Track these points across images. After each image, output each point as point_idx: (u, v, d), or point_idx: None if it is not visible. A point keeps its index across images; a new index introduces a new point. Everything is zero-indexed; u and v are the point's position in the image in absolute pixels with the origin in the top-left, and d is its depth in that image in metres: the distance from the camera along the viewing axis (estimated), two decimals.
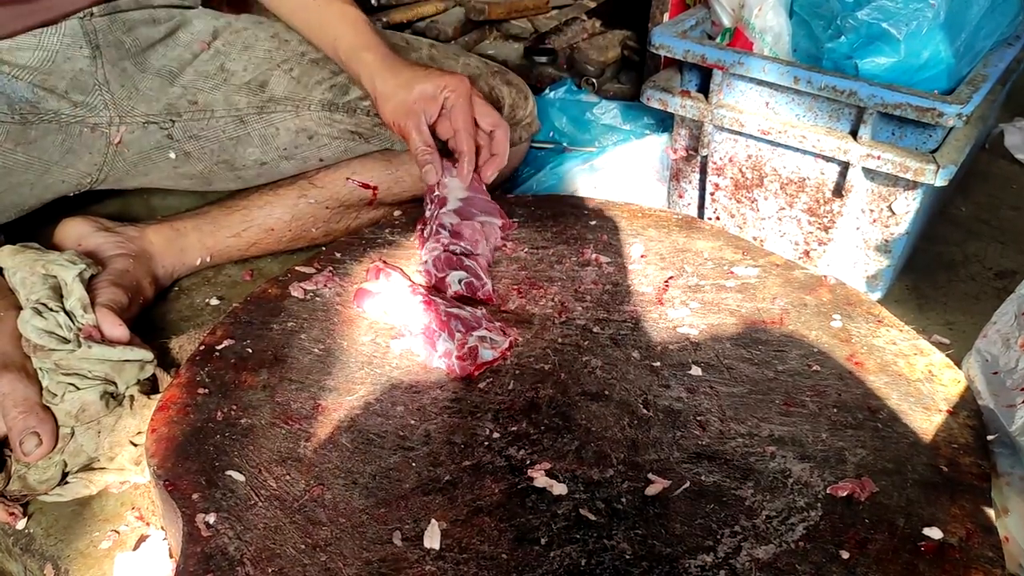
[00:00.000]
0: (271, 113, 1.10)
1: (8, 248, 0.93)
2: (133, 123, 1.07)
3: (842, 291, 0.94)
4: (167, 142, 1.09)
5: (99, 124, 1.04)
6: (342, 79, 1.12)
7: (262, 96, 1.10)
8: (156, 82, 1.08)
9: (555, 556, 0.64)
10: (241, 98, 1.10)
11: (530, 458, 0.72)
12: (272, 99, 1.10)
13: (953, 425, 0.76)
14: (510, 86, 1.20)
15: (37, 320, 0.84)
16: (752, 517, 0.67)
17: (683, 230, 1.06)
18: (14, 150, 0.98)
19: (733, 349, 0.86)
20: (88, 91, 1.03)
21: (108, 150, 1.06)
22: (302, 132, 1.11)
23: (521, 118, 1.21)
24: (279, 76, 1.11)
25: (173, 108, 1.08)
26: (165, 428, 0.75)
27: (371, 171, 1.15)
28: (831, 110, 1.03)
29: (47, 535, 0.79)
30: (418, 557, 0.64)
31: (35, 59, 0.99)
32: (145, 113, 1.07)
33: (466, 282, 0.92)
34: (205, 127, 1.10)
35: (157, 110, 1.08)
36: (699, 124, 1.14)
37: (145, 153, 1.09)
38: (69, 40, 1.01)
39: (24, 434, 0.79)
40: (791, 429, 0.76)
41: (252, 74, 1.11)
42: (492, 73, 1.19)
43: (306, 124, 1.11)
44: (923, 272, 1.19)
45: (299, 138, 1.12)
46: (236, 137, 1.11)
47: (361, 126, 1.12)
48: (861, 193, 1.05)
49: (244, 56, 1.12)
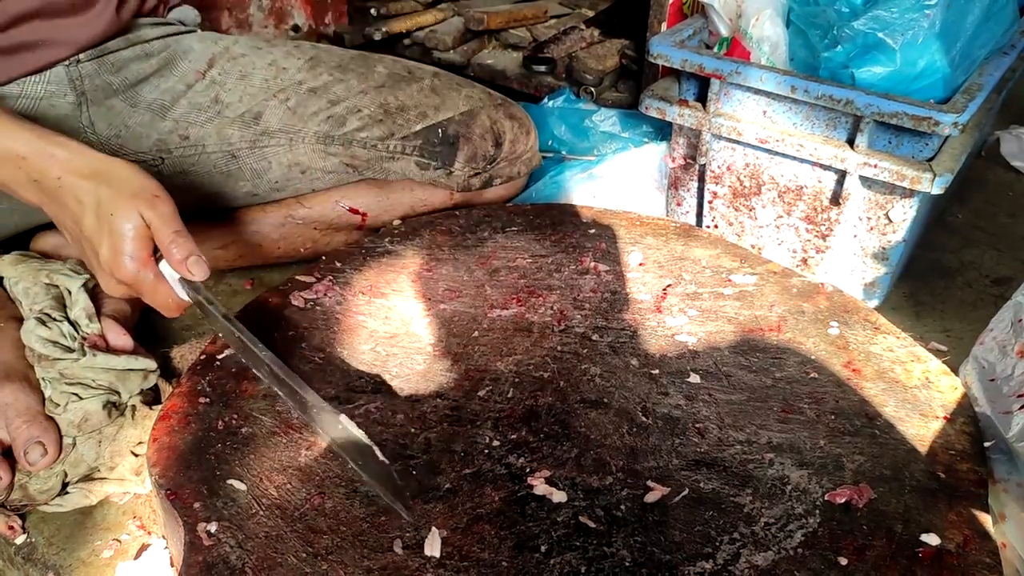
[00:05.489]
0: (264, 148, 1.08)
1: (8, 258, 0.93)
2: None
3: (839, 298, 0.95)
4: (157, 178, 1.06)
5: None
6: (339, 109, 1.09)
7: (256, 129, 1.08)
8: (147, 117, 1.05)
9: (555, 563, 0.64)
10: (234, 131, 1.07)
11: (530, 466, 0.73)
12: (266, 132, 1.08)
13: (950, 432, 0.77)
14: (512, 120, 1.17)
15: (41, 330, 0.84)
16: (751, 524, 0.67)
17: (681, 238, 1.06)
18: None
19: (731, 356, 0.86)
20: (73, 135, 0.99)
21: None
22: (295, 166, 1.09)
23: (521, 152, 1.19)
24: (275, 107, 1.08)
25: (163, 144, 1.06)
26: (167, 437, 0.75)
27: (362, 197, 1.14)
28: (828, 119, 1.04)
29: (49, 544, 0.79)
30: (419, 565, 0.64)
31: (18, 107, 0.96)
32: (134, 151, 1.04)
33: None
34: (196, 162, 1.08)
35: (147, 147, 1.05)
36: (697, 133, 1.14)
37: None
38: (54, 88, 0.99)
39: (29, 444, 0.79)
40: (789, 436, 0.76)
41: (247, 105, 1.08)
42: (495, 106, 1.17)
43: (299, 158, 1.09)
44: (920, 279, 1.19)
45: (291, 172, 1.10)
46: (227, 172, 1.09)
47: (356, 159, 1.10)
48: (858, 201, 1.05)
49: (240, 86, 1.09)
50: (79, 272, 0.91)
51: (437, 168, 1.11)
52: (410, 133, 1.09)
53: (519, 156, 1.19)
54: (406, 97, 1.12)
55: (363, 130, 1.08)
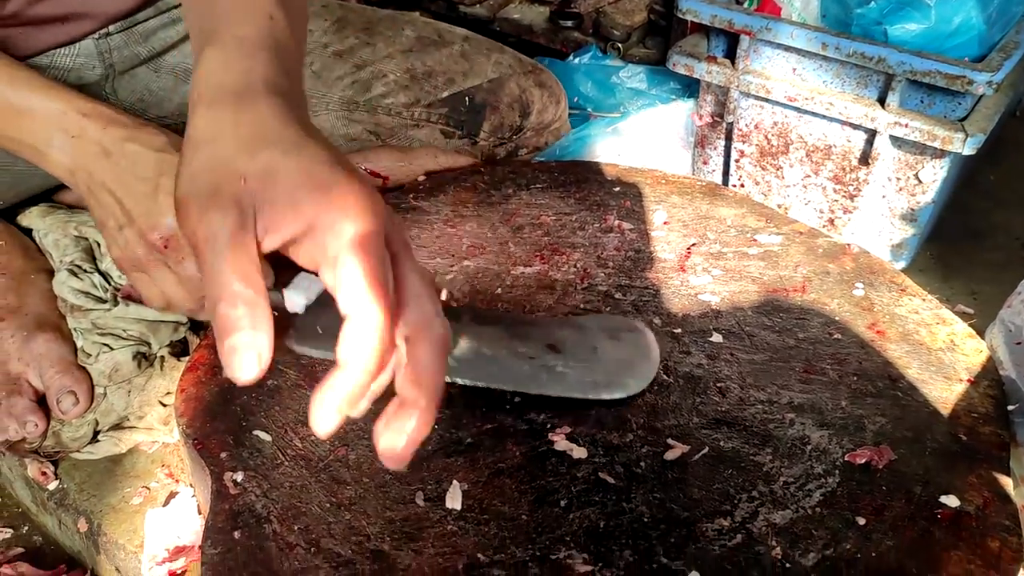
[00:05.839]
0: None
1: (36, 209, 0.95)
2: None
3: (865, 260, 0.94)
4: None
5: None
6: (365, 74, 1.07)
7: None
8: (169, 81, 1.03)
9: (574, 517, 0.65)
10: None
11: (550, 422, 0.73)
12: None
13: (974, 395, 0.76)
14: (541, 88, 1.15)
15: (73, 281, 0.85)
16: (770, 483, 0.68)
17: (706, 197, 1.05)
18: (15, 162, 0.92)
19: (754, 316, 0.86)
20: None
21: None
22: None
23: (549, 122, 1.18)
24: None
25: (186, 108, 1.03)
26: (194, 388, 0.77)
27: (383, 160, 1.12)
28: (859, 77, 1.02)
29: (80, 490, 0.81)
30: (440, 517, 0.65)
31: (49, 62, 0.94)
32: (156, 116, 1.03)
33: None
34: None
35: (168, 111, 1.03)
36: (725, 90, 1.13)
37: None
38: (83, 60, 0.97)
39: (61, 393, 0.81)
40: (811, 397, 0.76)
41: None
42: (525, 73, 1.15)
43: (322, 125, 1.07)
44: (949, 241, 1.18)
45: None
46: None
47: (381, 126, 1.08)
48: (888, 161, 1.04)
49: None
50: None
51: (462, 137, 1.11)
52: (436, 100, 1.08)
53: (547, 126, 1.17)
54: (434, 62, 1.10)
55: (388, 96, 1.08)
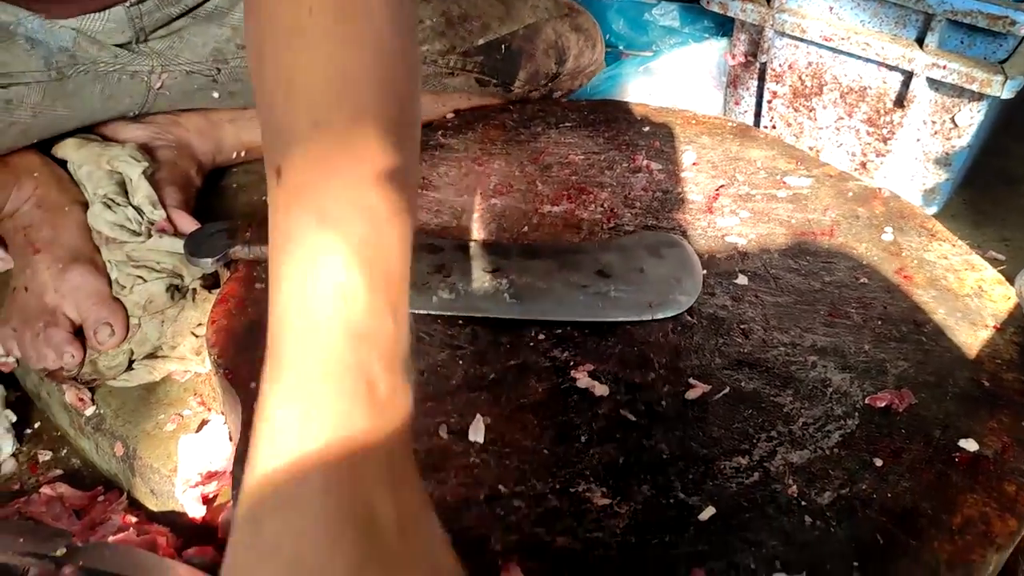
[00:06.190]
0: None
1: (72, 141, 0.96)
2: (176, 71, 1.01)
3: (896, 204, 0.93)
4: (211, 85, 1.03)
5: (139, 72, 0.98)
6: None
7: None
8: (202, 25, 1.01)
9: (594, 453, 0.66)
10: None
11: (574, 360, 0.74)
12: None
13: (999, 341, 0.76)
14: (578, 32, 1.13)
15: (108, 214, 0.87)
16: (789, 423, 0.68)
17: (737, 138, 1.04)
18: (53, 105, 0.93)
19: (781, 259, 0.86)
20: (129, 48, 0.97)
21: (149, 94, 1.01)
22: None
23: (585, 66, 1.16)
24: None
25: (220, 54, 1.02)
26: (224, 320, 0.78)
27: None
28: (897, 16, 1.00)
29: (116, 416, 0.84)
30: (463, 449, 0.67)
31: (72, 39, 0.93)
32: (189, 60, 1.01)
33: None
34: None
35: (202, 56, 1.02)
36: (759, 29, 1.11)
37: (188, 94, 1.04)
38: (112, 25, 0.95)
39: (98, 324, 0.83)
40: (834, 340, 0.76)
41: None
42: (561, 17, 1.13)
43: None
44: (982, 187, 1.16)
45: None
46: None
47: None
48: (924, 104, 1.02)
49: None
50: (139, 159, 0.93)
51: (496, 85, 1.10)
52: (471, 48, 1.07)
53: (583, 70, 1.16)
54: (469, 6, 1.09)
55: (424, 43, 1.06)
